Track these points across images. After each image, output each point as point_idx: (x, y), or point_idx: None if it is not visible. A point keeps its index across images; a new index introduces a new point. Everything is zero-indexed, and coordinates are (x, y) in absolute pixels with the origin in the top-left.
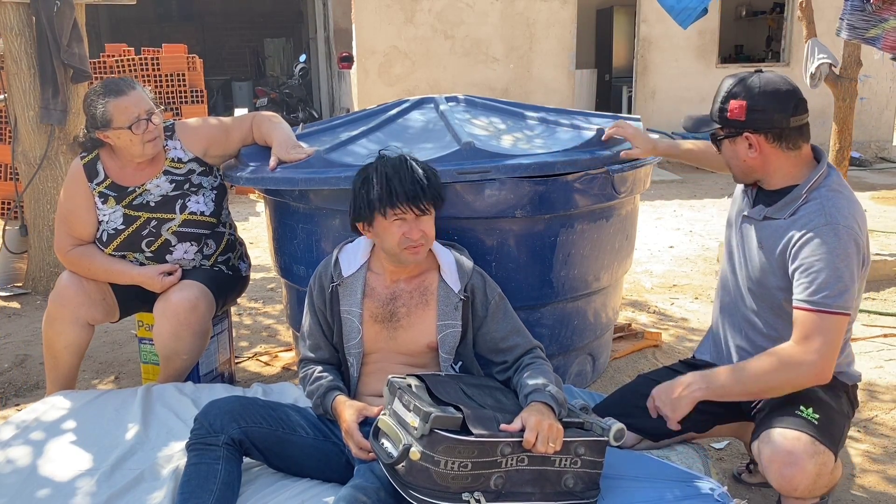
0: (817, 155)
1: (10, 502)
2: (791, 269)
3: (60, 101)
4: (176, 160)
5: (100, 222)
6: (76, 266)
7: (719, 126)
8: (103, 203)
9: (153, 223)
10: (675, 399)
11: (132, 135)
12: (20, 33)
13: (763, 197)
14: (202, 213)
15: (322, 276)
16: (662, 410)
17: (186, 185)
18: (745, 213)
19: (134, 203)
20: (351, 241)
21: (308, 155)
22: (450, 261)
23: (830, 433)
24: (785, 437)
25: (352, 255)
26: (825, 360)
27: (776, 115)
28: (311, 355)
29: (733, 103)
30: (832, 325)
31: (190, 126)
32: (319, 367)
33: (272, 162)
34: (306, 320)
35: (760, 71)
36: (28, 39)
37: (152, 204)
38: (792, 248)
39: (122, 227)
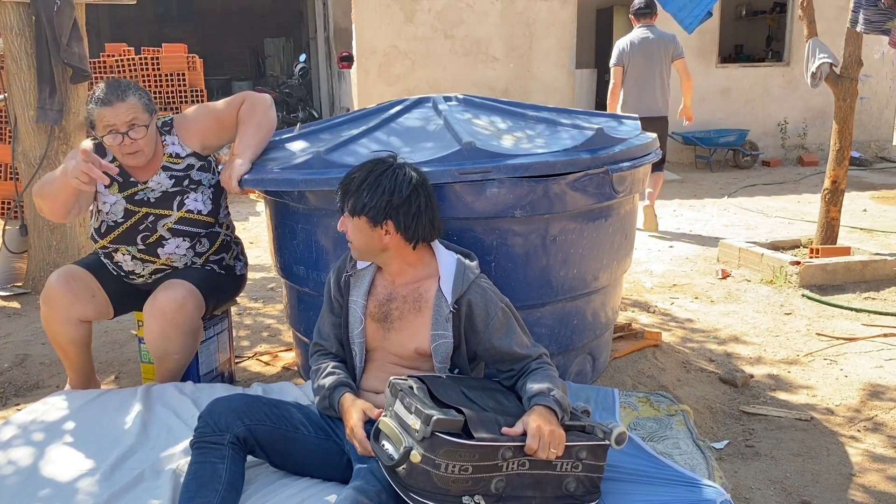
0: None
1: (11, 502)
2: None
3: (57, 101)
4: (174, 155)
5: (100, 212)
6: (40, 195)
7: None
8: (106, 187)
9: (150, 218)
10: None
11: (110, 143)
12: (20, 33)
13: None
14: (199, 212)
15: (340, 266)
16: None
17: (186, 182)
18: None
19: (136, 198)
20: None
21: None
22: (449, 271)
23: None
24: None
25: None
26: None
27: None
28: (322, 343)
29: None
30: None
31: (185, 120)
32: (332, 364)
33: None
34: (323, 308)
35: None
36: (28, 39)
37: (152, 200)
38: None
39: (122, 220)
